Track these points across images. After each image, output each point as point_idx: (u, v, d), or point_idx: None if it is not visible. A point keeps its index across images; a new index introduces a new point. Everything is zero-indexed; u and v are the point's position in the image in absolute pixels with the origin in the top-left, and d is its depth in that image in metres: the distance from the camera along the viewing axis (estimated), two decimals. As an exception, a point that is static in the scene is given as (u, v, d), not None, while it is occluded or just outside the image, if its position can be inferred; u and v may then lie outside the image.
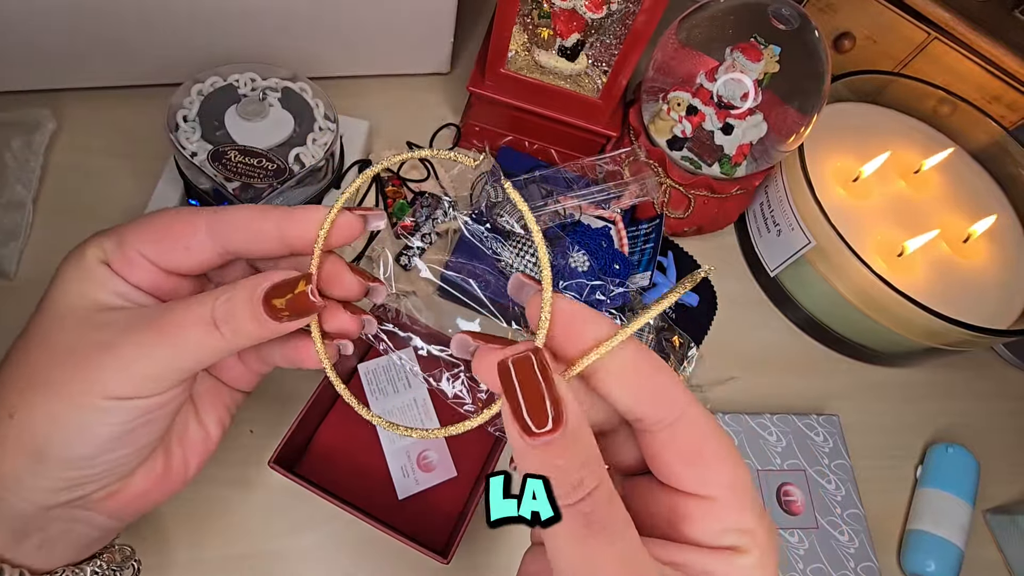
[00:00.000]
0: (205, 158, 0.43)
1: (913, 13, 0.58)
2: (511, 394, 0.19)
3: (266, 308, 0.24)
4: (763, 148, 0.54)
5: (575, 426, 0.19)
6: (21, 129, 0.50)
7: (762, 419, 0.51)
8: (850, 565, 0.47)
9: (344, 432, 0.45)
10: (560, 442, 0.19)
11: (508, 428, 0.19)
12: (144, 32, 0.49)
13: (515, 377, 0.19)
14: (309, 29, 0.52)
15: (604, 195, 0.54)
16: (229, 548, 0.42)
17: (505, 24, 0.48)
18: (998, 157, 0.61)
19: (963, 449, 0.53)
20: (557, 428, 0.18)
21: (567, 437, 0.19)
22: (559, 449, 0.19)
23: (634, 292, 0.51)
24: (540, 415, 0.19)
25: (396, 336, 0.45)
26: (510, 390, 0.19)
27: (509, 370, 0.19)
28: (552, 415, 0.19)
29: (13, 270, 0.46)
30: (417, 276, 0.52)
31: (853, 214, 0.55)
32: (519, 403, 0.19)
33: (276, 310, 0.24)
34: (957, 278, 0.55)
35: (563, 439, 0.19)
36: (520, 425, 0.19)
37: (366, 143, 0.54)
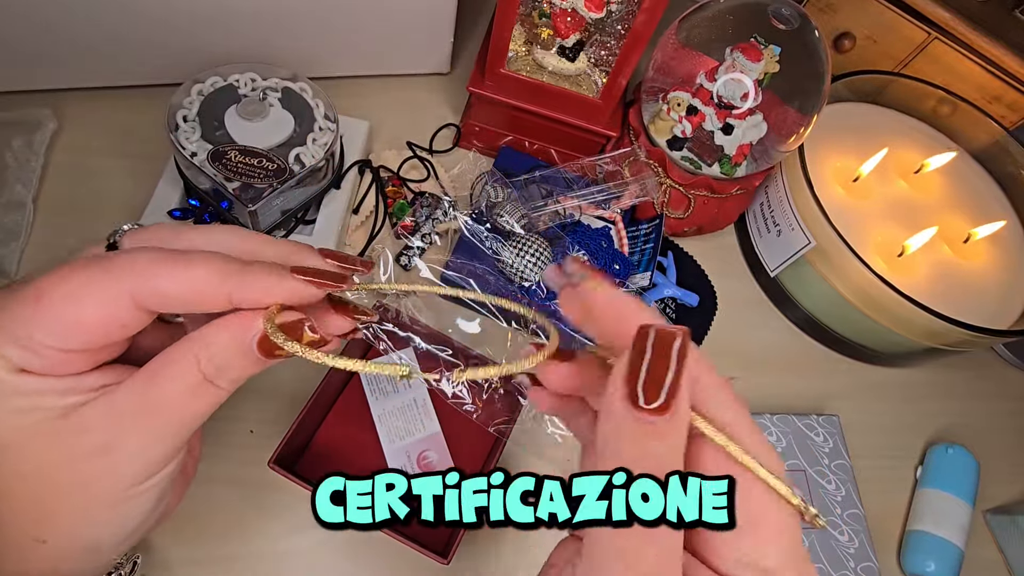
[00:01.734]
0: (205, 158, 0.43)
1: (913, 13, 0.58)
2: (637, 357, 0.18)
3: (261, 350, 0.22)
4: (763, 148, 0.54)
5: (680, 421, 0.18)
6: (22, 129, 0.50)
7: (762, 419, 0.51)
8: (850, 565, 0.47)
9: (344, 432, 0.45)
10: (664, 426, 0.17)
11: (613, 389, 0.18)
12: (144, 32, 0.49)
13: (651, 343, 0.18)
14: (309, 29, 0.52)
15: (604, 195, 0.54)
16: (229, 548, 0.42)
17: (505, 24, 0.48)
18: (998, 157, 0.61)
19: (963, 449, 0.53)
20: (666, 411, 0.17)
21: (672, 424, 0.17)
22: (659, 432, 0.18)
23: (634, 292, 0.51)
24: (654, 392, 0.17)
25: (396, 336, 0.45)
26: (639, 353, 0.18)
27: (648, 335, 0.18)
28: (665, 397, 0.17)
29: (14, 270, 0.46)
30: (417, 276, 0.52)
31: (853, 214, 0.55)
32: (640, 370, 0.18)
33: (273, 347, 0.22)
34: (957, 278, 0.55)
35: (667, 425, 0.17)
36: (628, 391, 0.17)
37: (366, 143, 0.54)
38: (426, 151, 0.58)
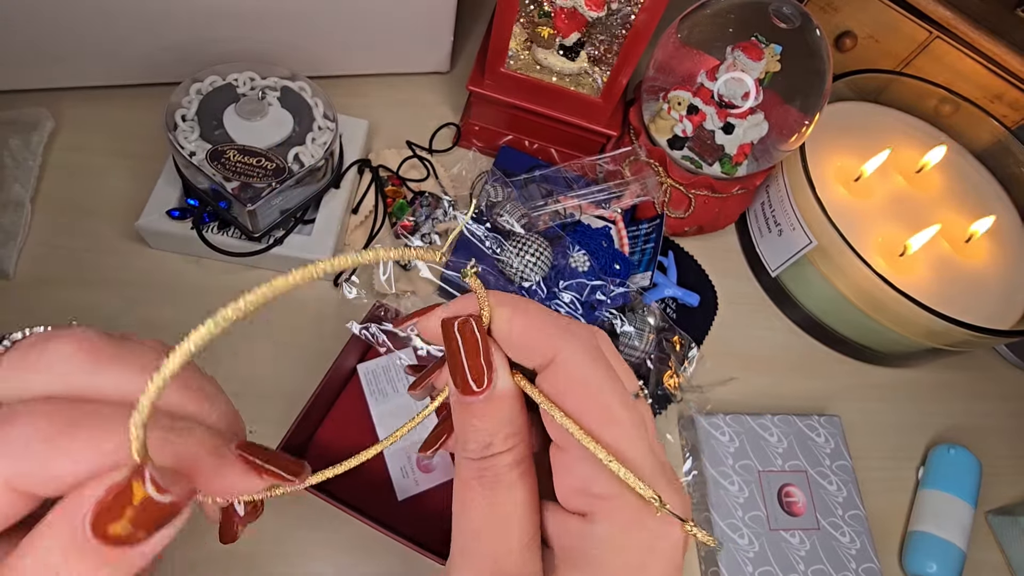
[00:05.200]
0: (204, 157, 0.43)
1: (915, 12, 0.58)
2: (453, 351, 0.20)
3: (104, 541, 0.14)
4: (764, 147, 0.54)
5: (500, 395, 0.20)
6: (19, 128, 0.50)
7: (763, 420, 0.51)
8: (851, 566, 0.47)
9: (344, 432, 0.45)
10: (481, 406, 0.20)
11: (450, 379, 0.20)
12: (142, 31, 0.49)
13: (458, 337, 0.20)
14: (309, 28, 0.52)
15: (604, 195, 0.54)
16: (229, 548, 0.41)
17: (505, 23, 0.48)
18: (1000, 156, 0.61)
19: (965, 450, 0.53)
20: (482, 391, 0.20)
21: (489, 402, 0.20)
22: (479, 411, 0.20)
23: (634, 292, 0.51)
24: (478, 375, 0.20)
25: (396, 336, 0.45)
26: (453, 346, 0.20)
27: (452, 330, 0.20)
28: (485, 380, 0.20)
29: (12, 270, 0.46)
30: (417, 276, 0.51)
31: (854, 214, 0.55)
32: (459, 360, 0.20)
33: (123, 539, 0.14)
34: (959, 278, 0.55)
35: (485, 403, 0.20)
36: (456, 381, 0.20)
37: (365, 142, 0.54)
38: (426, 151, 0.58)
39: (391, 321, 0.45)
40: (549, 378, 0.21)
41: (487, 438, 0.20)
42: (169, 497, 0.14)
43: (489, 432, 0.20)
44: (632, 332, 0.49)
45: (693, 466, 0.49)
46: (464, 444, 0.21)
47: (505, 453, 0.20)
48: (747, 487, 0.48)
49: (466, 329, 0.21)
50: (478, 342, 0.20)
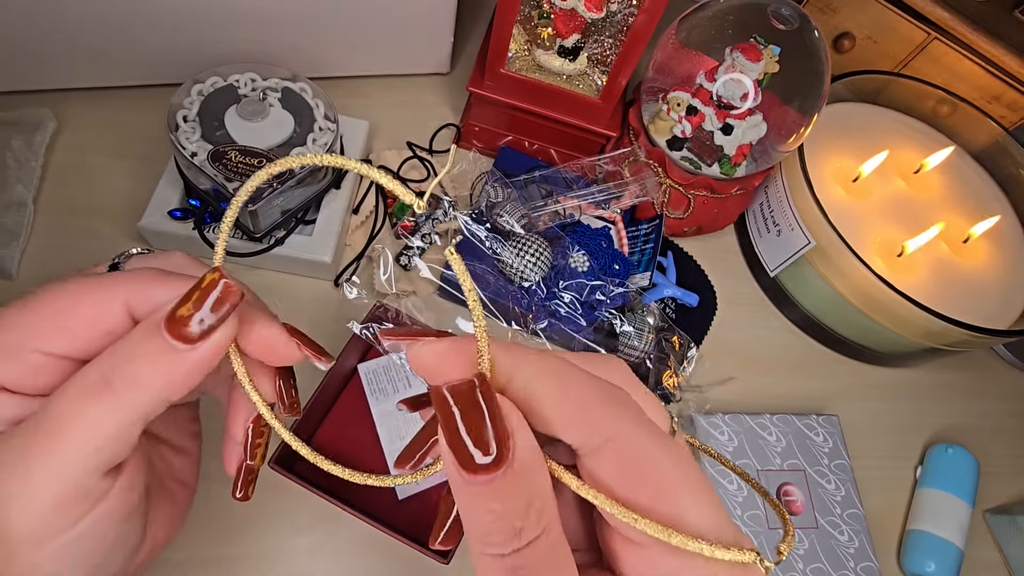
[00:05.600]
0: (205, 158, 0.44)
1: (913, 13, 0.58)
2: (448, 422, 0.16)
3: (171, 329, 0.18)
4: (763, 148, 0.54)
5: (523, 464, 0.16)
6: (22, 129, 0.50)
7: (762, 419, 0.51)
8: (850, 565, 0.47)
9: (344, 432, 0.45)
10: (501, 483, 0.15)
11: (445, 462, 0.16)
12: (144, 32, 0.49)
13: (453, 405, 0.16)
14: (309, 29, 0.52)
15: (604, 195, 0.54)
16: (229, 548, 0.42)
17: (505, 24, 0.48)
18: (998, 157, 0.61)
19: (963, 449, 0.53)
20: (500, 466, 0.15)
21: (511, 477, 0.16)
22: (499, 491, 0.16)
23: (634, 292, 0.51)
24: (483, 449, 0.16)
25: (396, 336, 0.45)
26: (448, 417, 0.16)
27: (445, 397, 0.16)
28: (496, 452, 0.15)
29: (15, 270, 0.46)
30: (417, 276, 0.52)
31: (853, 214, 0.55)
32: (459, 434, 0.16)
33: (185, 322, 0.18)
34: (957, 278, 0.55)
35: (505, 480, 0.15)
36: (458, 457, 0.15)
37: (366, 143, 0.54)
38: (426, 151, 0.58)
39: (391, 321, 0.46)
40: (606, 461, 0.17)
41: (516, 523, 0.16)
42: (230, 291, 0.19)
43: (517, 515, 0.16)
44: (631, 332, 0.49)
45: (692, 465, 0.50)
46: (483, 538, 0.16)
47: (543, 537, 0.16)
48: (746, 486, 0.48)
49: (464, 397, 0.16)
50: (483, 410, 0.16)
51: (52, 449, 0.18)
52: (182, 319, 0.18)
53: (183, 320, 0.18)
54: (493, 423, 0.16)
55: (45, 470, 0.18)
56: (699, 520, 0.17)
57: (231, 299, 0.19)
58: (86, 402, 0.18)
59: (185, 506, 0.27)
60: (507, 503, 0.16)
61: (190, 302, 0.19)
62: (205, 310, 0.19)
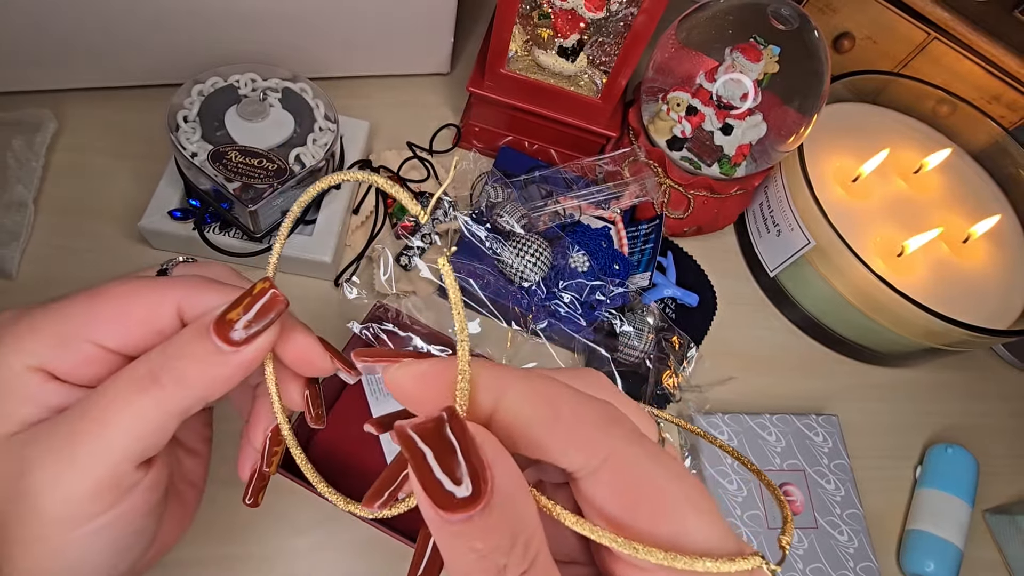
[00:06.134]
0: (205, 158, 0.44)
1: (913, 13, 0.58)
2: (418, 463, 0.15)
3: (219, 332, 0.20)
4: (763, 148, 0.54)
5: (504, 496, 0.15)
6: (22, 129, 0.50)
7: (761, 419, 0.51)
8: (849, 565, 0.47)
9: (344, 432, 0.45)
10: (481, 520, 0.14)
11: (420, 503, 0.15)
12: (145, 32, 0.49)
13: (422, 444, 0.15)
14: (309, 29, 0.52)
15: (604, 195, 0.54)
16: (229, 548, 0.42)
17: (505, 24, 0.48)
18: (997, 157, 0.61)
19: (962, 449, 0.53)
20: (478, 502, 0.14)
21: (491, 513, 0.14)
22: (479, 529, 0.15)
23: (634, 292, 0.51)
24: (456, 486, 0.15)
25: (396, 336, 0.45)
26: (417, 456, 0.15)
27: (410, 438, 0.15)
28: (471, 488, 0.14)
29: (15, 270, 0.47)
30: (417, 276, 0.52)
31: (853, 214, 0.55)
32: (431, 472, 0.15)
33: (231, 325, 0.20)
34: (957, 278, 0.55)
35: (485, 516, 0.14)
36: (433, 498, 0.14)
37: (366, 143, 0.54)
38: (426, 151, 0.58)
39: (391, 321, 0.46)
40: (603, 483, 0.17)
41: (500, 560, 0.15)
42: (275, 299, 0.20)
43: (502, 552, 0.15)
44: (631, 332, 0.49)
45: (692, 465, 0.50)
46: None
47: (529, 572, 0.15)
48: (745, 486, 0.48)
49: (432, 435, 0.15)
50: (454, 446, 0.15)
51: (98, 434, 0.19)
52: (230, 323, 0.20)
53: (231, 324, 0.20)
54: (467, 457, 0.15)
55: (90, 455, 0.19)
56: (702, 534, 0.17)
57: (276, 308, 0.20)
58: (134, 394, 0.19)
59: (193, 508, 0.28)
60: (489, 540, 0.15)
61: (239, 307, 0.20)
62: (252, 316, 0.20)
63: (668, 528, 0.16)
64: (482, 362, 0.18)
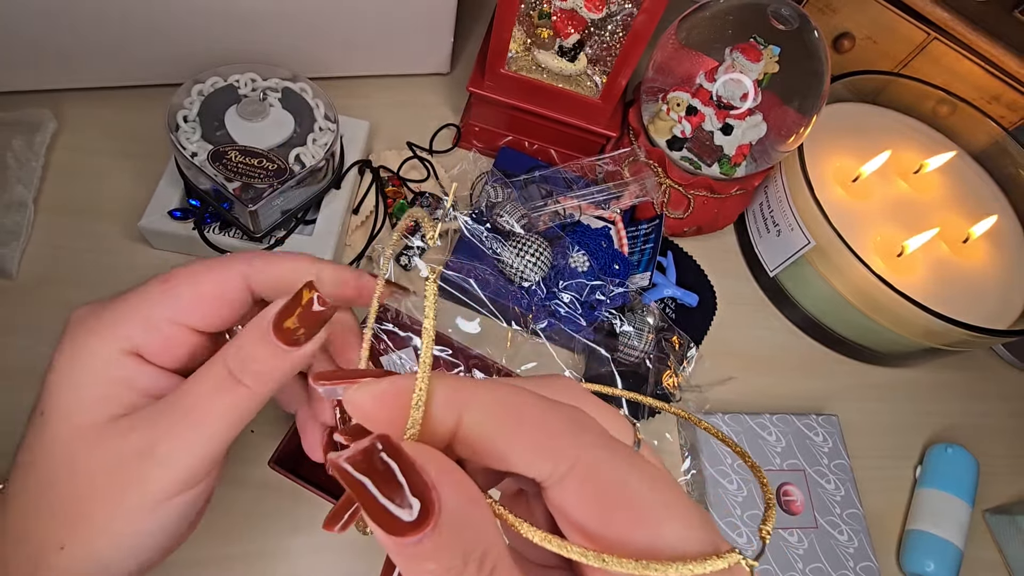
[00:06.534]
0: (205, 158, 0.44)
1: (913, 13, 0.58)
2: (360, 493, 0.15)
3: (279, 335, 0.22)
4: (763, 148, 0.54)
5: (454, 514, 0.15)
6: (22, 129, 0.50)
7: (761, 419, 0.51)
8: (849, 565, 0.47)
9: (344, 432, 0.45)
10: (430, 542, 0.14)
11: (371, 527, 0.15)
12: (145, 32, 0.49)
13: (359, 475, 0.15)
14: (309, 29, 0.53)
15: (604, 195, 0.54)
16: (229, 548, 0.42)
17: (505, 24, 0.48)
18: (997, 157, 0.61)
19: (962, 449, 0.53)
20: (426, 523, 0.14)
21: (441, 533, 0.14)
22: (430, 550, 0.14)
23: (634, 292, 0.51)
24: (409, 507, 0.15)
25: (396, 336, 0.45)
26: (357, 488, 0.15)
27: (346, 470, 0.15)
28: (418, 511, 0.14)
29: (15, 270, 0.47)
30: (417, 276, 0.52)
31: (853, 214, 0.55)
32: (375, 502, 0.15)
33: (289, 333, 0.22)
34: (956, 278, 0.55)
35: (435, 537, 0.14)
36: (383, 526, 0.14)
37: (366, 143, 0.54)
38: (426, 151, 0.58)
39: (391, 321, 0.46)
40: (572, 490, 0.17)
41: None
42: (322, 308, 0.22)
43: (455, 571, 0.15)
44: (631, 332, 0.49)
45: (692, 465, 0.50)
46: None
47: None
48: (745, 486, 0.48)
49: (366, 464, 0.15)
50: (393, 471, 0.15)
51: (200, 419, 0.22)
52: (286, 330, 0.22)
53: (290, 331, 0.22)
54: (409, 480, 0.15)
55: (193, 440, 0.22)
56: (677, 537, 0.16)
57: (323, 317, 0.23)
58: (223, 392, 0.22)
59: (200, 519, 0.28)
60: (442, 560, 0.15)
61: (293, 316, 0.22)
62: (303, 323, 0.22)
63: (642, 534, 0.16)
64: (442, 376, 0.17)
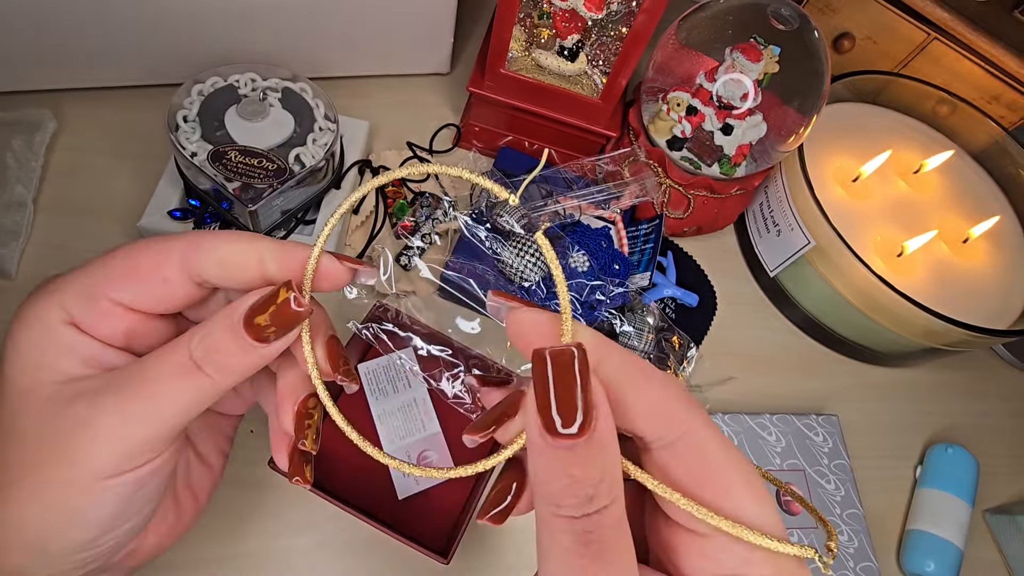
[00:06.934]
0: (205, 158, 0.44)
1: (913, 13, 0.58)
2: (542, 385, 0.17)
3: (248, 331, 0.22)
4: (763, 148, 0.54)
5: (602, 436, 0.17)
6: (22, 129, 0.50)
7: (761, 419, 0.51)
8: (849, 565, 0.47)
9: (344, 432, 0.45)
10: (583, 450, 0.17)
11: (529, 423, 0.17)
12: (144, 32, 0.49)
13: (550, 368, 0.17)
14: (309, 29, 0.52)
15: (604, 195, 0.54)
16: (229, 548, 0.42)
17: (505, 24, 0.48)
18: (997, 157, 0.61)
19: (962, 449, 0.53)
20: (583, 433, 0.17)
21: (592, 446, 0.17)
22: (579, 457, 0.17)
23: (634, 292, 0.51)
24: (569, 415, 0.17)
25: (396, 336, 0.45)
26: (542, 380, 0.17)
27: (545, 359, 0.17)
28: (581, 419, 0.17)
29: (14, 270, 0.47)
30: (417, 276, 0.52)
31: (853, 214, 0.55)
32: (548, 397, 0.17)
33: (260, 329, 0.22)
34: (956, 278, 0.55)
35: (587, 447, 0.17)
36: (544, 421, 0.17)
37: (366, 143, 0.54)
38: (426, 151, 0.58)
39: (391, 321, 0.46)
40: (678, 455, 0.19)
41: (589, 490, 0.17)
42: (299, 308, 0.22)
43: (592, 482, 0.17)
44: (631, 332, 0.49)
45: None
46: (556, 500, 0.17)
47: (612, 506, 0.17)
48: (746, 486, 0.48)
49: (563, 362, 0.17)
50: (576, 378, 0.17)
51: (150, 402, 0.22)
52: (257, 326, 0.22)
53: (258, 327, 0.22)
54: (584, 393, 0.17)
55: (143, 417, 0.22)
56: (759, 520, 0.18)
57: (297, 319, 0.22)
58: (181, 376, 0.22)
59: (187, 521, 0.28)
60: (584, 470, 0.17)
61: (266, 313, 0.22)
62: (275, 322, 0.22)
63: (729, 505, 0.18)
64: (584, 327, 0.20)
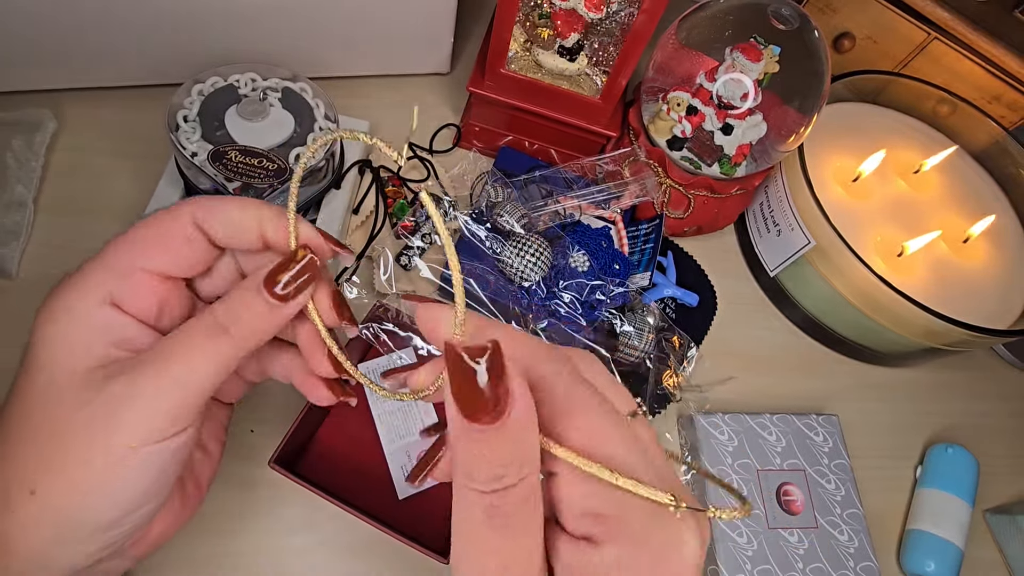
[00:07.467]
0: (205, 158, 0.44)
1: (913, 13, 0.58)
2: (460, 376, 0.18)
3: (270, 291, 0.24)
4: (763, 148, 0.54)
5: (517, 424, 0.18)
6: (22, 129, 0.50)
7: (762, 419, 0.51)
8: (849, 565, 0.47)
9: (344, 432, 0.45)
10: (495, 437, 0.17)
11: (448, 406, 0.18)
12: (145, 32, 0.49)
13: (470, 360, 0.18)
14: (309, 29, 0.52)
15: (604, 195, 0.54)
16: (229, 547, 0.42)
17: (505, 24, 0.48)
18: (998, 157, 0.61)
19: (963, 449, 0.53)
20: (495, 421, 0.17)
21: (504, 433, 0.17)
22: (492, 443, 0.18)
23: (634, 292, 0.51)
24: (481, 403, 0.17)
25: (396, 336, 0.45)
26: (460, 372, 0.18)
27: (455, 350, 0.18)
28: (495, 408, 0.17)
29: (14, 270, 0.47)
30: (417, 276, 0.52)
31: (853, 214, 0.55)
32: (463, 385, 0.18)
33: (281, 286, 0.24)
34: (957, 278, 0.55)
35: (499, 434, 0.17)
36: (459, 406, 0.17)
37: (366, 143, 0.54)
38: (426, 151, 0.58)
39: (391, 320, 0.46)
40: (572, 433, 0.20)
41: (499, 470, 0.18)
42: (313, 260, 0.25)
43: (502, 464, 0.18)
44: (631, 332, 0.49)
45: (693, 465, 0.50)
46: (469, 474, 0.18)
47: (519, 485, 0.18)
48: (746, 486, 0.48)
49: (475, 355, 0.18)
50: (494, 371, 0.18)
51: (181, 368, 0.23)
52: (277, 283, 0.24)
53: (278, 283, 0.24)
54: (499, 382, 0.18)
55: (172, 385, 0.23)
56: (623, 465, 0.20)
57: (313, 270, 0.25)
58: (208, 340, 0.24)
59: (191, 509, 0.29)
60: (495, 452, 0.18)
61: (285, 271, 0.24)
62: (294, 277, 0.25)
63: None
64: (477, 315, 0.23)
